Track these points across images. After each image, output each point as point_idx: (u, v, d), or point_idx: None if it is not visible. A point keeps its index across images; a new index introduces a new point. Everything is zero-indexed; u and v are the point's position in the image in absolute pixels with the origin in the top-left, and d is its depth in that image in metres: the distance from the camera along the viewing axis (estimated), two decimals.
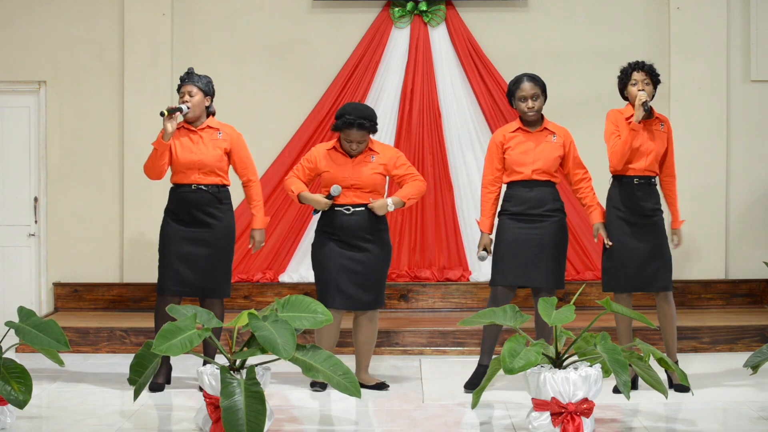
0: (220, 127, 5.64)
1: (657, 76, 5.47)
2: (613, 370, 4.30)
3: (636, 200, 5.46)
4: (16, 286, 7.76)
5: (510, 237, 5.53)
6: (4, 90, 7.77)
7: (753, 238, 7.73)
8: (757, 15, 7.71)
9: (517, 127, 5.60)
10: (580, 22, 7.83)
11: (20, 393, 4.51)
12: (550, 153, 5.56)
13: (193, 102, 5.52)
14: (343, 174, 5.54)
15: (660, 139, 5.48)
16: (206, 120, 5.63)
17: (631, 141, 5.38)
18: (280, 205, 7.73)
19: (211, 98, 5.64)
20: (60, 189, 7.78)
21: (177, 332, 4.30)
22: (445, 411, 5.16)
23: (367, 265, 5.53)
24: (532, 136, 5.57)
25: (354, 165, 5.55)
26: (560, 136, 5.62)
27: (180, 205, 5.56)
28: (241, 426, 4.12)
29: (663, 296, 5.50)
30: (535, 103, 5.53)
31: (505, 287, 5.53)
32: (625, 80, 5.48)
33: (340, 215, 5.53)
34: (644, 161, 5.44)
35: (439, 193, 7.72)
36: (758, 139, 7.79)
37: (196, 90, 5.54)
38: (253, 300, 7.54)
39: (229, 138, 5.63)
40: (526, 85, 5.53)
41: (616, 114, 5.48)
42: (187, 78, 5.58)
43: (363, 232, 5.53)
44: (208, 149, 5.55)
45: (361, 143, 5.53)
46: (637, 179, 5.47)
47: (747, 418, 4.94)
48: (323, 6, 7.81)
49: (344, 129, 5.49)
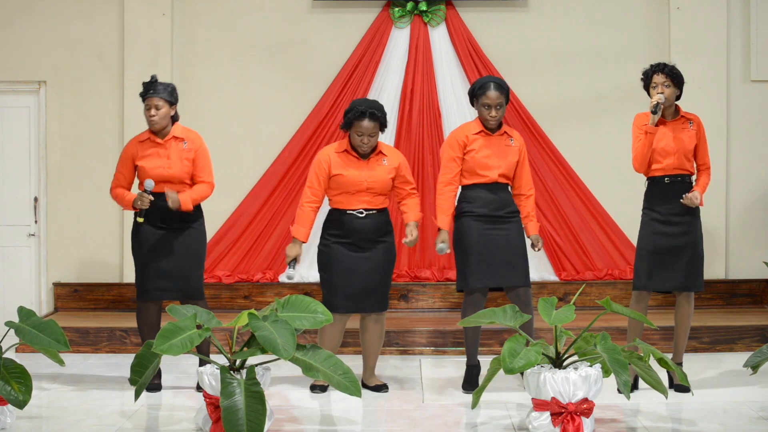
0: (185, 135, 5.58)
1: (679, 76, 5.43)
2: (613, 370, 4.30)
3: (668, 199, 5.46)
4: (16, 286, 7.76)
5: (478, 239, 5.48)
6: (4, 90, 7.78)
7: (753, 238, 7.73)
8: (757, 15, 7.71)
9: (480, 130, 5.55)
10: (580, 22, 7.82)
11: (20, 393, 4.51)
12: (511, 157, 5.56)
13: (158, 114, 5.47)
14: (359, 177, 5.46)
15: (688, 138, 5.48)
16: (171, 129, 5.57)
17: (649, 144, 5.38)
18: (280, 205, 7.73)
19: (175, 106, 5.59)
20: (60, 189, 7.78)
21: (177, 332, 4.30)
22: (445, 411, 5.16)
23: (375, 267, 5.50)
24: (494, 140, 5.55)
25: (369, 167, 5.49)
26: (516, 139, 5.61)
27: (152, 213, 5.53)
28: (241, 426, 4.12)
29: (686, 295, 5.50)
30: (498, 112, 5.49)
31: (480, 291, 5.51)
32: (647, 82, 5.48)
33: (353, 219, 5.48)
34: (670, 160, 5.44)
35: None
36: (758, 139, 7.79)
37: (162, 102, 5.48)
38: (253, 300, 7.54)
39: (193, 147, 5.58)
40: (492, 93, 5.46)
41: (641, 118, 5.48)
42: (152, 89, 5.49)
43: (374, 235, 5.50)
44: (175, 163, 5.52)
45: (372, 136, 5.44)
46: (668, 178, 5.47)
47: (747, 418, 4.94)
48: (323, 6, 7.81)
49: (355, 121, 5.40)
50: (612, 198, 7.70)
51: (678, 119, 5.49)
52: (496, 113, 5.48)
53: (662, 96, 5.34)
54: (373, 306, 5.53)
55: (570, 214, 7.73)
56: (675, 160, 5.45)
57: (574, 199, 7.74)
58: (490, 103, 5.48)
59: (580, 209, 7.75)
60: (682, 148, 5.46)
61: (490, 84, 5.51)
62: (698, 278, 5.49)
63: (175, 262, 5.54)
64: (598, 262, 7.70)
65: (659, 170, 5.48)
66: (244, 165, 7.80)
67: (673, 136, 5.45)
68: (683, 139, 5.47)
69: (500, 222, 5.52)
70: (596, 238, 7.73)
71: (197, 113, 7.71)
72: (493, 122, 5.51)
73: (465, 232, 5.52)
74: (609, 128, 7.68)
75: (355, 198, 5.48)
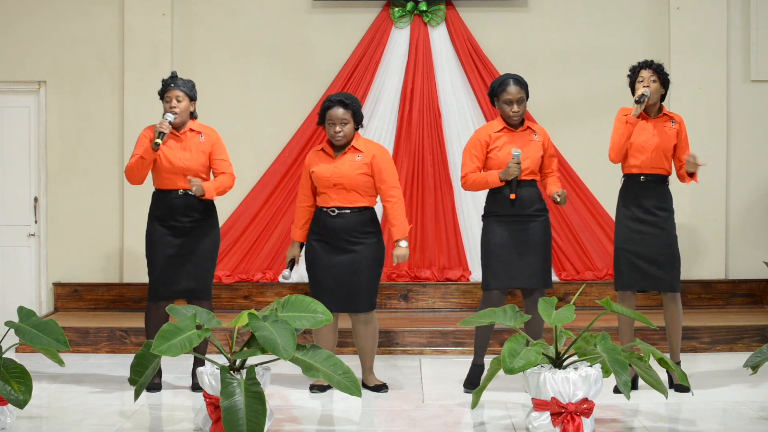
0: (202, 129, 5.61)
1: (665, 74, 5.48)
2: (613, 370, 4.30)
3: (642, 198, 5.47)
4: (16, 286, 7.76)
5: (499, 240, 5.49)
6: (4, 90, 7.77)
7: (753, 238, 7.73)
8: (757, 15, 7.71)
9: (502, 127, 5.56)
10: (580, 22, 7.83)
11: (20, 393, 4.51)
12: (535, 152, 5.55)
13: (180, 108, 5.49)
14: (325, 172, 5.46)
15: (668, 136, 5.49)
16: (189, 124, 5.59)
17: (628, 134, 5.40)
18: (280, 205, 7.73)
19: (194, 103, 5.61)
20: (60, 189, 7.78)
21: (177, 332, 4.30)
22: (445, 411, 5.16)
23: (354, 267, 5.45)
24: (517, 136, 5.55)
25: (337, 163, 5.47)
26: (540, 134, 5.62)
27: (166, 210, 5.54)
28: (241, 426, 4.12)
29: (670, 297, 5.50)
30: (520, 107, 5.50)
31: (500, 291, 5.52)
32: (633, 78, 5.50)
33: (326, 217, 5.47)
34: (647, 156, 5.44)
35: (439, 193, 7.72)
36: (758, 139, 7.79)
37: (183, 95, 5.51)
38: (253, 300, 7.54)
39: (210, 141, 5.60)
40: (513, 89, 5.49)
41: (623, 111, 5.51)
42: (173, 82, 5.53)
43: (349, 234, 5.46)
44: (192, 155, 5.53)
45: (345, 124, 5.43)
46: (644, 177, 5.48)
47: (747, 418, 4.94)
48: (323, 6, 7.81)
49: (327, 112, 5.44)
50: (612, 198, 7.59)
51: (660, 117, 5.52)
52: (518, 108, 5.49)
53: (648, 89, 5.36)
54: (357, 306, 5.49)
55: (570, 214, 7.73)
56: (652, 157, 5.45)
57: (574, 199, 7.73)
58: (511, 98, 5.48)
59: (580, 209, 7.75)
60: (661, 146, 5.46)
61: (509, 80, 5.53)
62: (676, 279, 5.48)
63: (189, 262, 5.54)
64: (598, 262, 7.70)
65: (635, 167, 5.48)
66: (244, 165, 7.78)
67: (652, 132, 5.46)
68: (663, 136, 5.47)
69: (525, 221, 5.50)
70: (596, 238, 7.73)
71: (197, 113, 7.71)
72: (516, 118, 5.51)
73: (489, 233, 5.55)
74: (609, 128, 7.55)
75: (327, 195, 5.47)
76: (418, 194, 7.68)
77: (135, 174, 5.52)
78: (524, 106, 5.53)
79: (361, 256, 5.46)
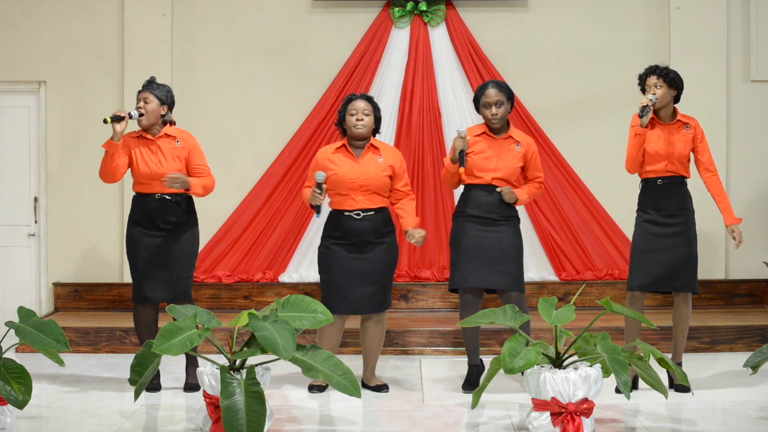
0: (177, 134, 5.60)
1: (671, 77, 5.41)
2: (613, 370, 4.30)
3: (660, 200, 5.46)
4: (16, 286, 7.76)
5: (470, 240, 5.50)
6: (4, 90, 7.78)
7: (753, 238, 7.72)
8: (757, 15, 7.72)
9: (482, 132, 5.57)
10: (580, 22, 7.83)
11: (20, 393, 4.51)
12: (512, 162, 5.55)
13: (147, 108, 5.52)
14: (351, 174, 5.46)
15: (683, 142, 5.45)
16: (163, 129, 5.59)
17: (638, 146, 5.38)
18: (280, 205, 7.73)
19: (168, 108, 5.60)
20: (60, 189, 7.78)
21: (177, 332, 4.30)
22: (445, 411, 5.16)
23: (375, 268, 5.49)
24: (496, 143, 5.55)
25: (362, 165, 5.49)
26: (524, 145, 5.59)
27: (144, 214, 5.55)
28: (241, 426, 4.12)
29: (683, 296, 5.50)
30: (499, 110, 5.49)
31: (472, 292, 5.51)
32: (642, 86, 5.48)
33: (350, 220, 5.47)
34: (663, 164, 5.44)
35: (439, 193, 7.72)
36: (758, 139, 7.79)
37: (153, 97, 5.53)
38: (253, 300, 7.55)
39: (186, 147, 5.59)
40: (491, 91, 5.50)
41: (636, 118, 5.48)
42: (147, 85, 5.58)
43: (372, 236, 5.48)
44: (167, 160, 5.53)
45: (366, 115, 5.48)
46: (661, 180, 5.47)
47: (747, 418, 4.94)
48: (323, 6, 7.81)
49: (348, 105, 5.49)
50: (612, 198, 7.70)
51: (674, 123, 5.48)
52: (497, 110, 5.48)
53: (652, 98, 5.33)
54: (374, 307, 5.52)
55: (570, 214, 7.73)
56: (667, 164, 5.45)
57: (574, 199, 7.74)
58: (489, 101, 5.50)
59: (580, 209, 7.75)
60: (675, 153, 5.44)
61: (489, 83, 5.59)
62: (692, 279, 5.48)
63: (166, 266, 5.53)
64: (598, 262, 7.70)
65: (652, 172, 5.48)
66: (244, 165, 7.80)
67: (666, 139, 5.43)
68: (676, 143, 5.44)
69: (493, 224, 5.52)
70: (596, 238, 7.73)
71: (197, 113, 7.73)
72: (496, 121, 5.51)
73: (457, 232, 5.57)
74: (609, 128, 7.68)
75: (351, 197, 5.47)
76: (418, 194, 7.67)
77: (103, 170, 5.58)
78: (504, 110, 5.52)
79: (381, 255, 5.50)
